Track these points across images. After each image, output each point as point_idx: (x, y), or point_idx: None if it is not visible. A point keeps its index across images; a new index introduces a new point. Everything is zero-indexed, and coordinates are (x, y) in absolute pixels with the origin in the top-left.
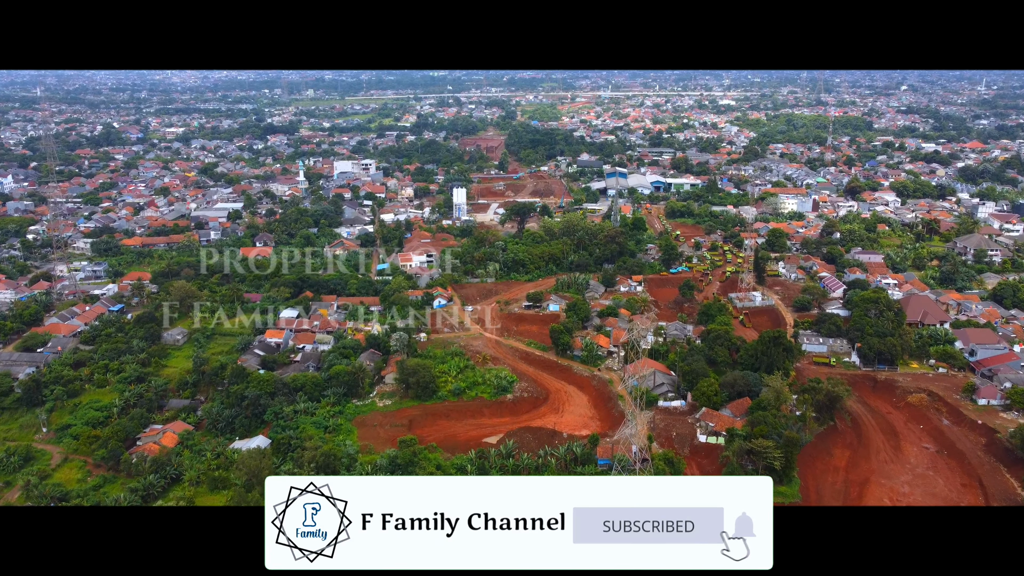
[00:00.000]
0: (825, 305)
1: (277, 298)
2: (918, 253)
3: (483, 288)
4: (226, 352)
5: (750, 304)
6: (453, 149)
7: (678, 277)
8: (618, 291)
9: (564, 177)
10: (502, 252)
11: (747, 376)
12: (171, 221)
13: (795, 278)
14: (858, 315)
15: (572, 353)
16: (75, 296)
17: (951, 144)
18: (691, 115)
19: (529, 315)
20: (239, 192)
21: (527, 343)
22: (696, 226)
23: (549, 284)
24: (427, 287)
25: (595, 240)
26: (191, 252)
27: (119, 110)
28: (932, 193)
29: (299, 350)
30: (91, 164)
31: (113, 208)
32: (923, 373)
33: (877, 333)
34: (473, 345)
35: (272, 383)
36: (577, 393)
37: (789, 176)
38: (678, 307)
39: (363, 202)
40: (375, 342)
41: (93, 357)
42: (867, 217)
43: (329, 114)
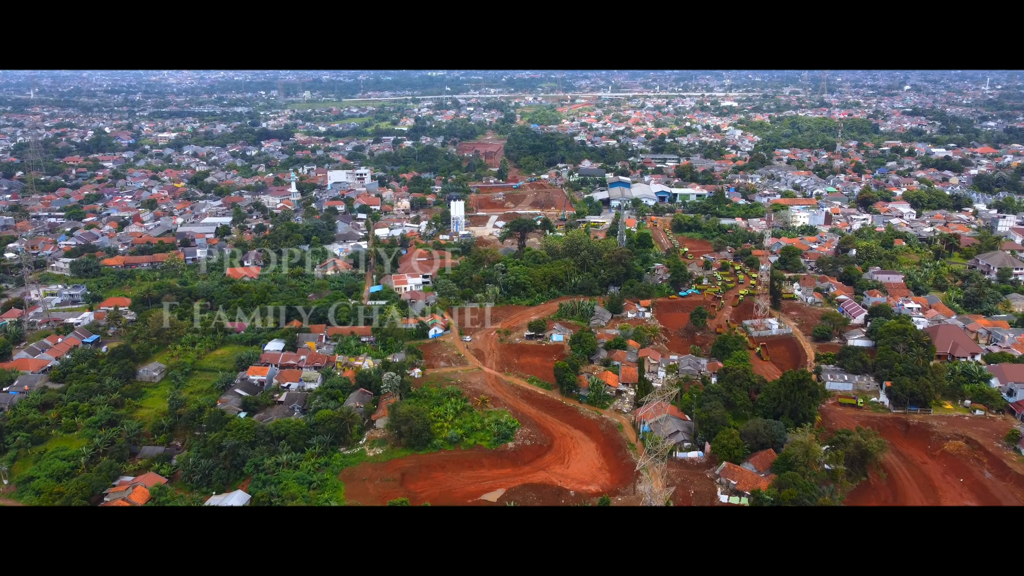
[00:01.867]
0: (846, 334)
1: (262, 328)
2: (939, 272)
3: (482, 314)
4: (206, 391)
5: (766, 333)
6: (451, 156)
7: (688, 301)
8: (625, 317)
9: (565, 186)
10: (502, 274)
11: (771, 426)
12: (156, 237)
13: (812, 302)
14: (884, 349)
15: (578, 392)
16: (48, 326)
17: (961, 149)
18: (693, 118)
19: (531, 346)
20: (229, 205)
21: (529, 380)
22: (704, 241)
23: (551, 309)
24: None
25: (600, 260)
26: (175, 272)
27: (112, 114)
28: (947, 204)
29: (284, 389)
30: (78, 174)
31: (97, 223)
32: (959, 416)
33: (907, 371)
34: (471, 382)
35: (253, 431)
36: (584, 439)
37: (798, 185)
38: (689, 336)
39: (357, 215)
40: (366, 380)
41: (62, 398)
42: (882, 231)
43: (325, 117)
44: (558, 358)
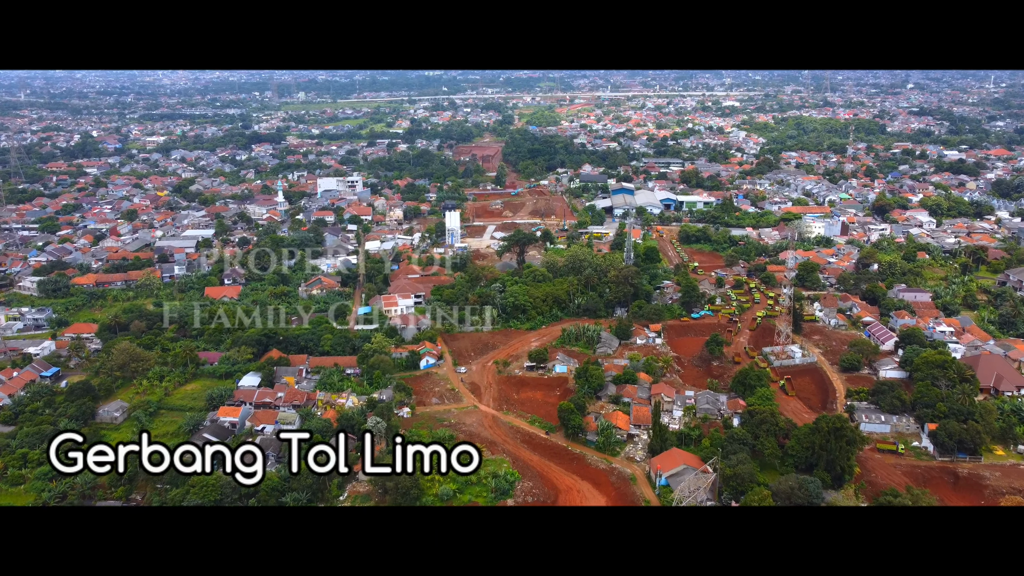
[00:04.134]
0: (877, 364)
1: (238, 360)
2: (968, 289)
3: (478, 340)
4: (172, 434)
5: (789, 363)
6: (447, 160)
7: (701, 324)
8: (634, 344)
9: (566, 193)
10: (500, 294)
11: (806, 484)
12: (133, 252)
13: (835, 324)
14: (924, 386)
15: (585, 436)
16: (5, 356)
17: (974, 151)
18: (695, 118)
19: (532, 379)
20: (212, 215)
21: (530, 420)
22: (714, 254)
23: (554, 334)
24: (414, 340)
25: (605, 279)
26: (150, 292)
27: (102, 116)
28: (968, 211)
29: (258, 432)
30: (58, 181)
31: (71, 236)
32: (1013, 464)
33: (952, 412)
34: (466, 424)
35: (218, 488)
36: (592, 493)
37: (809, 191)
38: (705, 365)
39: (347, 227)
40: (349, 423)
41: (10, 444)
42: (902, 241)
43: (319, 119)
44: (562, 393)
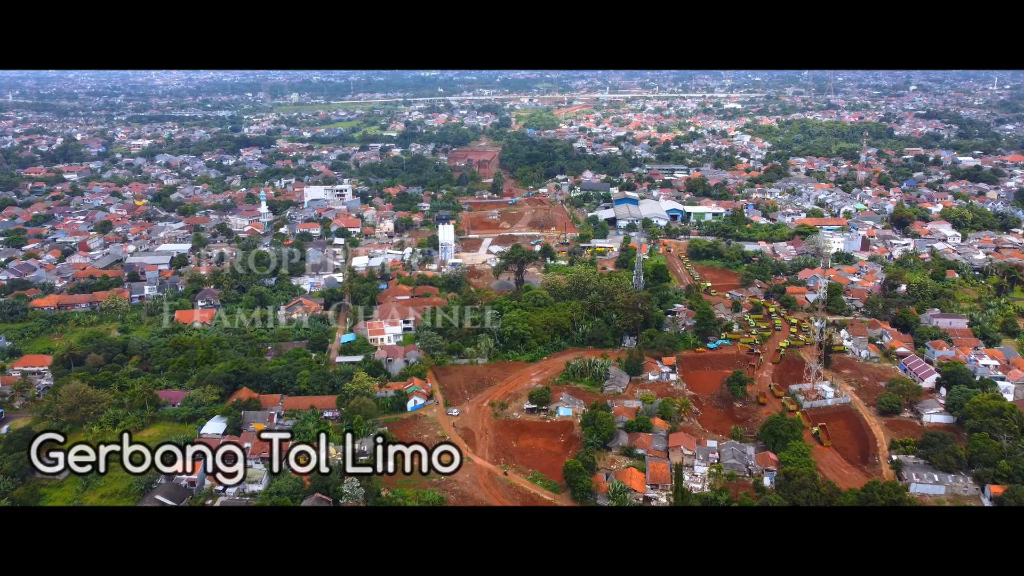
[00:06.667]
0: (919, 406)
1: (203, 400)
2: (1006, 313)
3: (472, 374)
4: (120, 493)
5: (820, 403)
6: (442, 166)
7: (719, 355)
8: (646, 379)
9: (566, 202)
10: (496, 320)
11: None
12: (101, 270)
13: (866, 356)
14: (981, 439)
15: (595, 500)
16: None
17: (989, 157)
18: (697, 121)
19: (532, 424)
20: (191, 227)
21: (532, 478)
22: (727, 271)
23: (556, 367)
24: (401, 376)
25: (612, 303)
26: (116, 315)
27: (89, 118)
28: (993, 224)
29: (219, 493)
30: (33, 189)
31: (37, 252)
32: None
33: (1018, 472)
34: (458, 483)
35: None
36: None
37: (822, 201)
38: (726, 406)
39: (334, 240)
40: (323, 483)
41: None
42: (927, 258)
43: (312, 121)
44: (566, 440)
